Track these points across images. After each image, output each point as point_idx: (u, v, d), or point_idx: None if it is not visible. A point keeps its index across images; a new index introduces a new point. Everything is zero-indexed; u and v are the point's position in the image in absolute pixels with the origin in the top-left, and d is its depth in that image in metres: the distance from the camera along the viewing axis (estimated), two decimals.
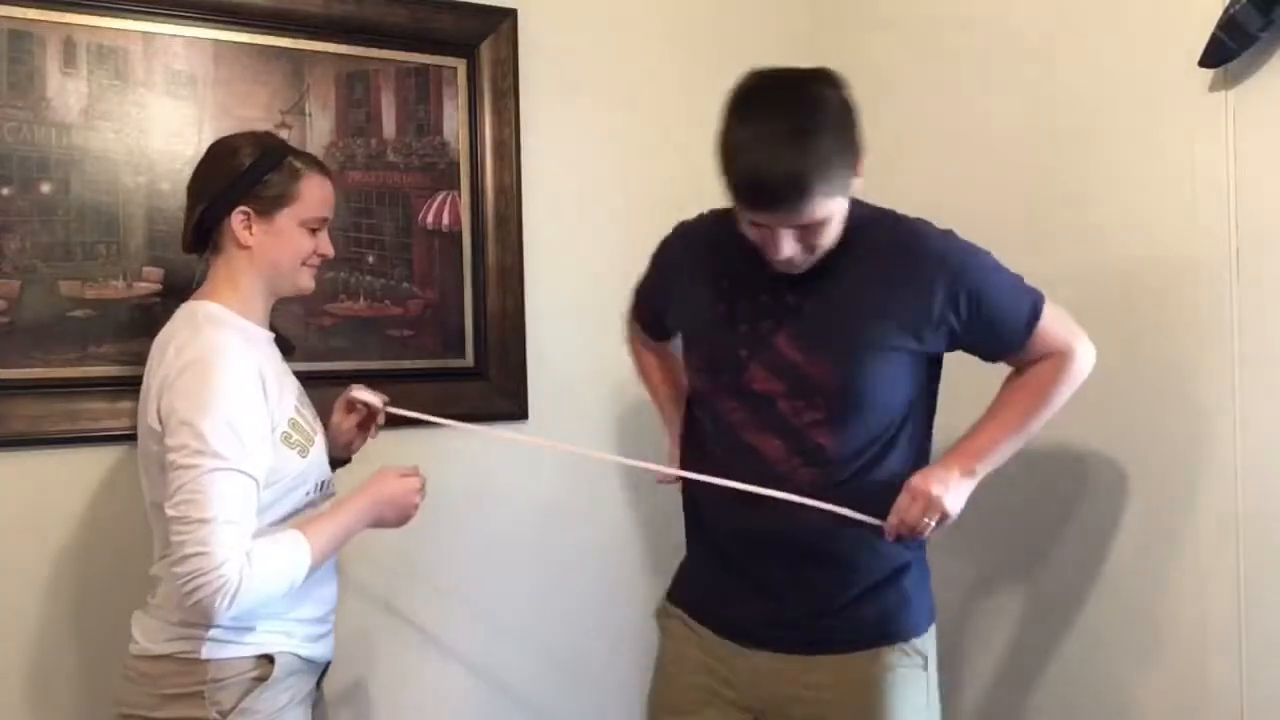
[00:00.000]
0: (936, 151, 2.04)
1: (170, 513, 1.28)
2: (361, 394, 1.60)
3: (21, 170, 1.67)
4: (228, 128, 1.80)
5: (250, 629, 1.37)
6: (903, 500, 1.42)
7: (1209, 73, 1.55)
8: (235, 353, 1.35)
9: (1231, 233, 1.55)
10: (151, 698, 1.35)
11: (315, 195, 1.47)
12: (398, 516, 1.50)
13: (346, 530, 1.44)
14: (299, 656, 1.43)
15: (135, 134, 1.75)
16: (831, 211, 1.35)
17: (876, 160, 1.89)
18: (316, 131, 1.88)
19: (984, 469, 1.47)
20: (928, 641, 1.52)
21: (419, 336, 1.97)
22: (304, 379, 1.57)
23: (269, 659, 1.39)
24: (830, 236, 1.39)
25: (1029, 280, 1.47)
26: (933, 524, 1.41)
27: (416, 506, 1.51)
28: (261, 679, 1.37)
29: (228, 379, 1.32)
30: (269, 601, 1.34)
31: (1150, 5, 1.65)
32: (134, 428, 1.70)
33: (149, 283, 1.75)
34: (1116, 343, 1.70)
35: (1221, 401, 1.57)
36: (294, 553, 1.34)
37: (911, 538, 1.43)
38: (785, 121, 1.29)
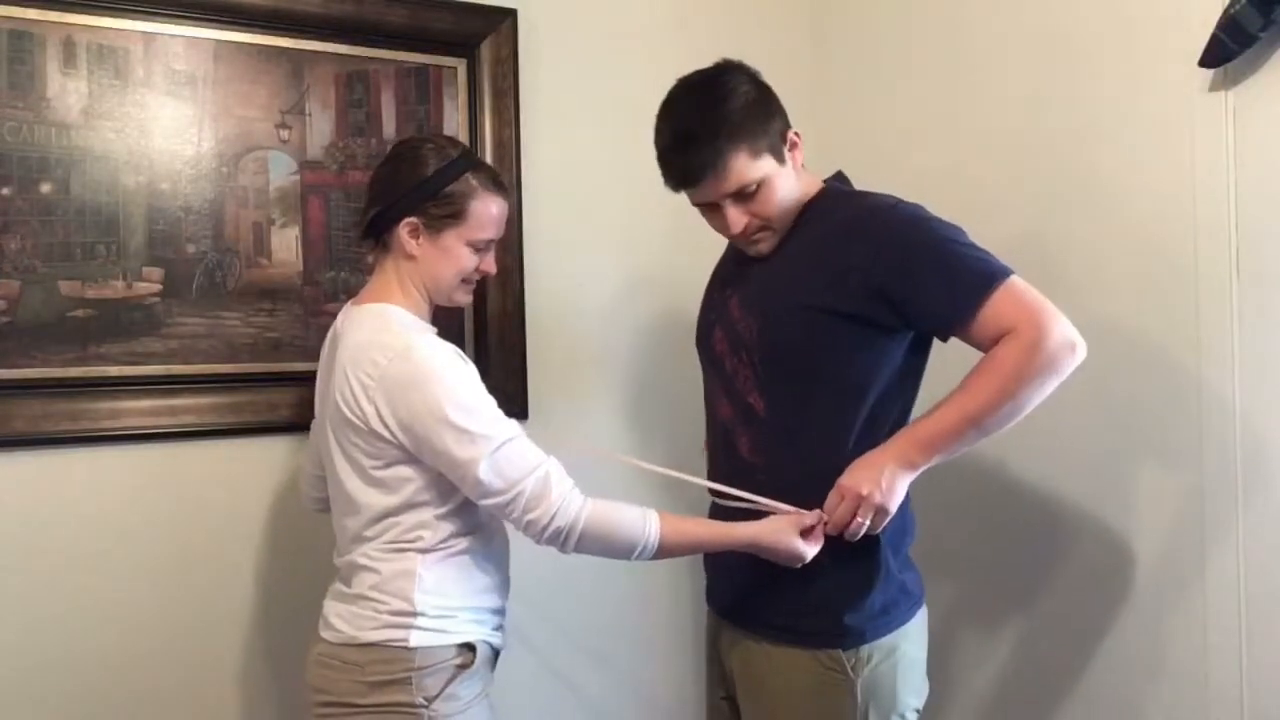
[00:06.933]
0: (935, 153, 2.04)
1: (485, 502, 1.37)
2: None
3: (21, 170, 1.67)
4: (228, 128, 1.80)
5: (452, 617, 1.42)
6: (831, 499, 1.39)
7: (1209, 73, 1.55)
8: (443, 347, 1.41)
9: (1231, 233, 1.55)
10: (359, 685, 1.39)
11: (484, 216, 1.49)
12: (777, 560, 1.43)
13: (715, 536, 1.46)
14: (490, 645, 1.48)
15: (135, 134, 1.75)
16: (760, 174, 1.41)
17: (876, 155, 1.88)
18: (316, 131, 1.88)
19: (927, 460, 1.37)
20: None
21: None
22: (306, 378, 1.57)
23: (470, 647, 1.44)
24: (774, 204, 1.43)
25: (1033, 278, 1.40)
26: (866, 522, 1.37)
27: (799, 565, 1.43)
28: (464, 666, 1.42)
29: (453, 371, 1.38)
30: (608, 553, 1.40)
31: (1150, 5, 1.66)
32: (133, 429, 1.73)
33: (149, 283, 1.75)
34: (1117, 343, 1.70)
35: (1223, 401, 1.57)
36: (641, 517, 1.40)
37: (848, 536, 1.38)
38: (694, 103, 1.42)
